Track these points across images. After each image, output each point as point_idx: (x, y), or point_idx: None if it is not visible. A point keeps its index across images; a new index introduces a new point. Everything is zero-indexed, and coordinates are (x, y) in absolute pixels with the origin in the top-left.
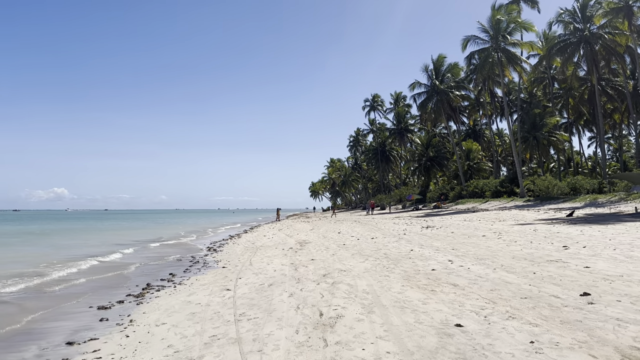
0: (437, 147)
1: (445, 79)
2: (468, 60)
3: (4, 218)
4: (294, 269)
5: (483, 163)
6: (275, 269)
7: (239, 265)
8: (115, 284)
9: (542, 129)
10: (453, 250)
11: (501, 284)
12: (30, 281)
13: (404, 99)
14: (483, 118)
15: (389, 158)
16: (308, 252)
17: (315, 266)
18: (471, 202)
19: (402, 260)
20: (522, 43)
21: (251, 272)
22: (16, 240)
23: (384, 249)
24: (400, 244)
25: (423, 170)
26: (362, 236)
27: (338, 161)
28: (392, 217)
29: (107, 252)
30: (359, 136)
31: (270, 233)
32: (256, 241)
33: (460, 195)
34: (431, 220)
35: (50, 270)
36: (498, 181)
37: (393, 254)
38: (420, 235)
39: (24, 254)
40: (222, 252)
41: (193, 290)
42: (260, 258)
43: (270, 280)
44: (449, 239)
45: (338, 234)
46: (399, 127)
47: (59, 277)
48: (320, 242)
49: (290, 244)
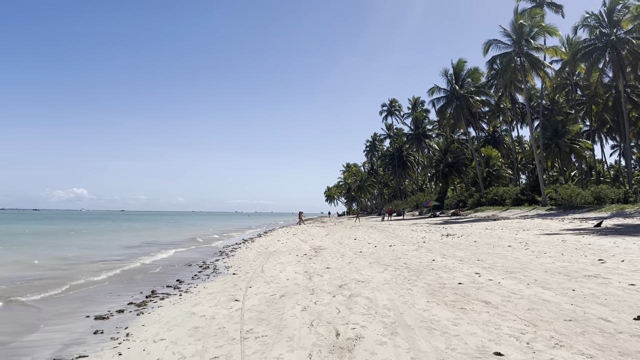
0: (455, 153)
1: (465, 84)
2: (490, 64)
3: (21, 217)
4: (307, 278)
5: (503, 170)
6: (288, 277)
7: (250, 272)
8: (119, 290)
9: (565, 136)
10: (479, 261)
11: (539, 303)
12: (32, 286)
13: (422, 104)
14: (503, 124)
15: (406, 163)
16: (323, 259)
17: (331, 275)
18: (491, 209)
19: (424, 271)
20: (545, 48)
21: (262, 280)
22: (23, 241)
23: (404, 258)
24: (421, 253)
25: (441, 176)
26: (379, 243)
27: (354, 166)
28: (409, 224)
29: (114, 255)
30: (376, 141)
31: (284, 238)
32: (269, 246)
33: (479, 203)
34: (450, 228)
35: (50, 274)
36: (519, 189)
37: (414, 263)
38: (441, 244)
39: (25, 256)
40: (233, 257)
41: (199, 299)
42: (272, 264)
43: (282, 290)
44: (473, 249)
45: (354, 241)
46: (417, 132)
47: (57, 282)
48: (335, 249)
49: (305, 250)
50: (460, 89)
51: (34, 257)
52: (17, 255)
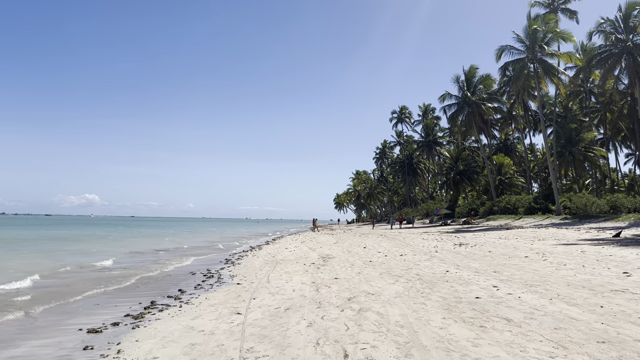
0: (466, 161)
1: (477, 91)
2: (502, 70)
3: (33, 222)
4: (315, 290)
5: (515, 178)
6: (294, 288)
7: (255, 281)
8: (118, 300)
9: (579, 144)
10: (495, 273)
11: (565, 321)
12: (25, 294)
13: (433, 111)
14: (515, 132)
15: (416, 171)
16: (331, 269)
17: (339, 287)
18: (503, 218)
19: (438, 283)
20: (559, 54)
21: (267, 291)
22: (26, 245)
23: (415, 268)
24: (433, 264)
25: (452, 184)
26: (389, 252)
27: (364, 173)
28: (420, 232)
29: (116, 262)
30: (386, 148)
31: (292, 245)
32: (277, 254)
33: (491, 211)
34: (463, 236)
35: (49, 283)
36: (532, 197)
37: (426, 275)
38: (454, 254)
39: (29, 260)
40: (239, 266)
41: (199, 312)
42: (279, 274)
43: (287, 302)
44: (488, 260)
45: (364, 249)
46: (427, 139)
47: (56, 291)
48: (344, 258)
49: (313, 258)
50: (472, 96)
51: (34, 264)
52: (18, 262)
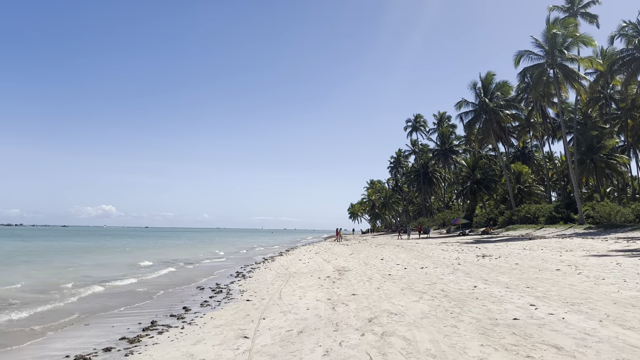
0: (484, 169)
1: (494, 97)
2: (521, 76)
3: (47, 233)
4: (331, 308)
5: (534, 187)
6: (308, 306)
7: (266, 297)
8: (116, 319)
9: (600, 151)
10: (528, 289)
11: (627, 350)
12: (18, 311)
13: (449, 119)
14: (533, 139)
15: (432, 180)
16: (348, 283)
17: (358, 305)
18: (523, 228)
19: (467, 301)
20: (580, 58)
21: (279, 309)
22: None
23: (440, 283)
24: (458, 278)
25: (469, 193)
26: (409, 265)
27: (378, 182)
28: (438, 243)
29: (121, 275)
30: (400, 157)
31: (306, 257)
32: (290, 266)
33: (510, 221)
34: (484, 247)
35: (41, 298)
36: (552, 206)
37: (453, 291)
38: (479, 267)
39: (30, 274)
40: (250, 279)
41: (202, 335)
42: (292, 289)
43: (300, 323)
44: (517, 273)
45: (381, 261)
46: (443, 147)
47: (47, 308)
48: (361, 271)
49: (328, 271)
50: (490, 102)
51: (34, 275)
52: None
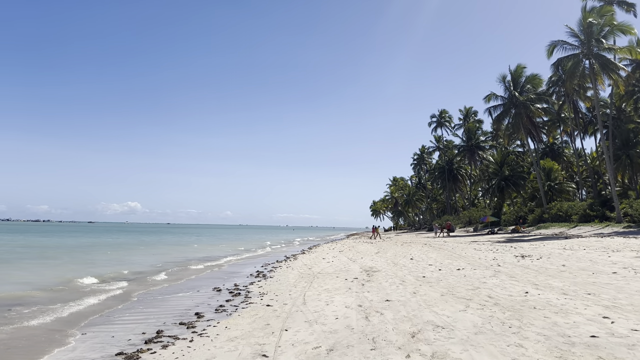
0: (512, 166)
1: (524, 91)
2: (555, 67)
3: (72, 229)
4: (363, 317)
5: (566, 184)
6: (337, 314)
7: (289, 302)
8: (118, 327)
9: (637, 146)
10: (590, 295)
11: None
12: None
13: (475, 114)
14: (563, 135)
15: (457, 177)
16: (379, 286)
17: (395, 314)
18: (556, 226)
19: (524, 311)
20: (618, 48)
21: (303, 317)
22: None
23: (484, 288)
24: (503, 282)
25: (496, 190)
26: (442, 265)
27: (401, 180)
28: (468, 242)
29: (134, 273)
30: (424, 154)
31: (330, 255)
32: (314, 265)
33: (541, 219)
34: (520, 247)
35: (39, 300)
36: (586, 204)
37: (502, 298)
38: (523, 269)
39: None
40: (271, 280)
41: (213, 351)
42: (317, 292)
43: (330, 338)
44: (569, 277)
45: (411, 261)
46: (469, 143)
47: (38, 323)
48: (391, 272)
49: (355, 271)
50: (520, 96)
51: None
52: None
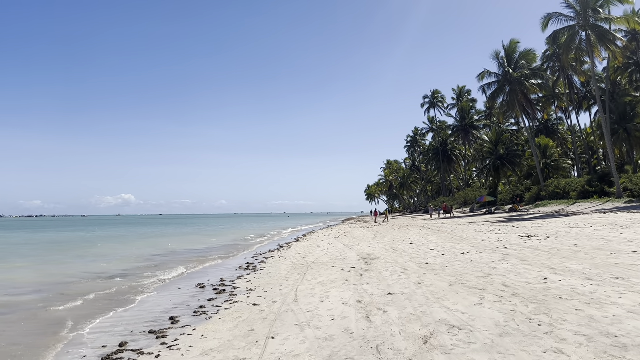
0: (507, 145)
1: (519, 67)
2: (551, 40)
3: (66, 223)
4: (364, 317)
5: (562, 160)
6: (333, 313)
7: (279, 300)
8: (73, 342)
9: (634, 119)
10: (618, 280)
11: None
12: None
13: (468, 94)
14: (558, 111)
15: (451, 158)
16: (379, 276)
17: (400, 311)
18: (554, 204)
19: (550, 302)
20: (615, 18)
21: (294, 319)
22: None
23: (495, 274)
24: (516, 267)
25: (492, 169)
26: (445, 250)
27: (395, 163)
28: (467, 223)
29: (108, 270)
30: (417, 136)
31: (325, 242)
32: (308, 254)
33: (538, 197)
34: (522, 226)
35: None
36: (584, 180)
37: (519, 286)
38: (533, 250)
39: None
40: (261, 273)
41: None
42: (310, 285)
43: (324, 348)
44: (585, 258)
45: (410, 245)
46: (463, 123)
47: None
48: (391, 259)
49: (352, 259)
50: (514, 73)
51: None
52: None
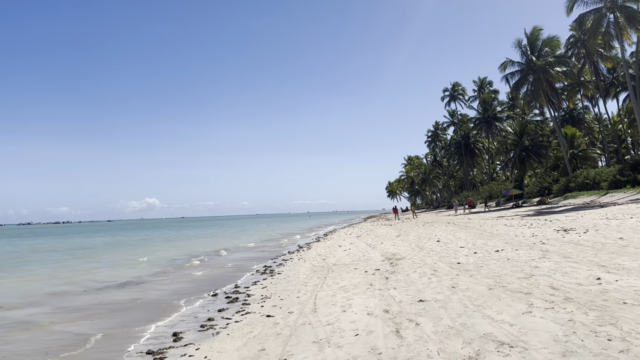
0: (532, 136)
1: (542, 55)
2: (577, 24)
3: (89, 229)
4: (393, 331)
5: (590, 150)
6: (357, 326)
7: (295, 309)
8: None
9: None
10: None
11: None
12: None
13: (490, 85)
14: (583, 99)
15: (474, 151)
16: (406, 279)
17: (435, 323)
18: (584, 195)
19: (613, 309)
20: None
21: (312, 334)
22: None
23: (539, 274)
24: (558, 264)
25: (517, 162)
26: (476, 247)
27: (416, 158)
28: (495, 217)
29: (124, 276)
30: (438, 130)
31: (346, 242)
32: (328, 255)
33: (567, 188)
34: (555, 219)
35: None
36: (615, 169)
37: (569, 288)
38: (574, 246)
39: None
40: (278, 277)
41: None
42: (331, 291)
43: None
44: (635, 252)
45: (437, 243)
46: (485, 115)
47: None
48: (418, 258)
49: (375, 260)
50: (537, 61)
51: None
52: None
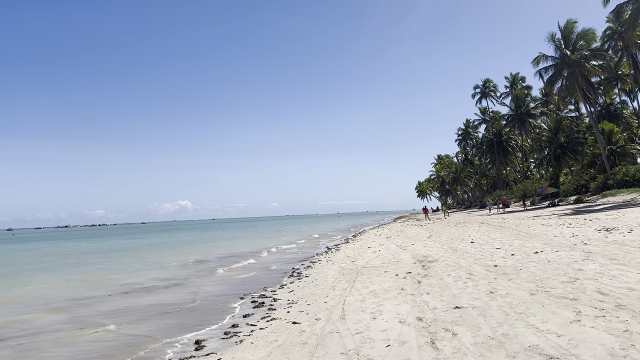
0: (567, 132)
1: (577, 48)
2: (614, 16)
3: (124, 231)
4: (428, 342)
5: (629, 146)
6: (388, 336)
7: (323, 316)
8: None
9: None
10: None
11: None
12: None
13: (522, 80)
14: (621, 94)
15: (507, 149)
16: (440, 283)
17: (474, 333)
18: (624, 192)
19: None
20: None
21: (340, 344)
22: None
23: (584, 278)
24: (604, 267)
25: (552, 159)
26: (514, 248)
27: (446, 157)
28: (530, 217)
29: (147, 280)
30: (469, 128)
31: (376, 243)
32: (357, 257)
33: (605, 186)
34: (595, 218)
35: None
36: None
37: (620, 293)
38: (619, 246)
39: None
40: (306, 280)
41: None
42: (360, 296)
43: None
44: None
45: (471, 244)
46: (519, 112)
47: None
48: (452, 260)
49: (407, 263)
50: (572, 54)
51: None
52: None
